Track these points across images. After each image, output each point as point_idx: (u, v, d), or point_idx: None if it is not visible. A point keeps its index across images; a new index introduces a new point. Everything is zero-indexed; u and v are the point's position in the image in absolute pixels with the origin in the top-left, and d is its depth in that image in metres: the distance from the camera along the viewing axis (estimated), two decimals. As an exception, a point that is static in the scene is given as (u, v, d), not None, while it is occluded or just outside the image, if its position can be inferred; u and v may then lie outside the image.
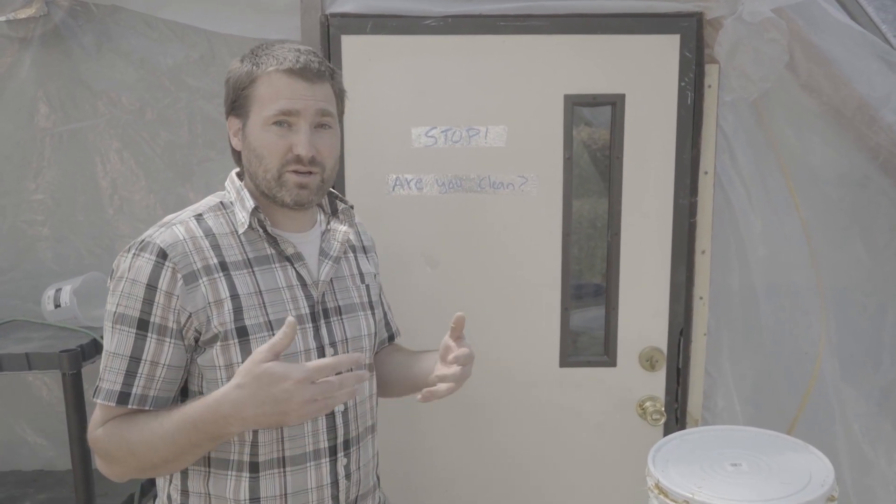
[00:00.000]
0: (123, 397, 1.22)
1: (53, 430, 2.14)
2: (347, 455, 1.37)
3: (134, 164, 2.03)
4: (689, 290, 2.03)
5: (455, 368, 1.32)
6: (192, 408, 1.17)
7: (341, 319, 1.39)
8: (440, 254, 2.00)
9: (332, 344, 1.36)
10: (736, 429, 1.62)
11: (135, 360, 1.22)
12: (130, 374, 1.22)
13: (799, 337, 2.05)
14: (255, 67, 1.28)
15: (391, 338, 1.65)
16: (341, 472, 1.36)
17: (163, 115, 2.00)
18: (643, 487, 1.44)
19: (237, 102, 1.32)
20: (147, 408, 1.23)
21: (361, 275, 1.48)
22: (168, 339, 1.23)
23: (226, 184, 1.39)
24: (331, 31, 1.89)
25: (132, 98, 2.00)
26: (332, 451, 1.35)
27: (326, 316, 1.36)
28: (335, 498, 1.36)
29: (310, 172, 1.29)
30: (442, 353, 1.39)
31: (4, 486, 2.06)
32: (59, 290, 1.92)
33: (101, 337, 1.78)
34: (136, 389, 1.22)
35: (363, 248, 1.53)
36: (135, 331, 1.21)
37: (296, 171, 1.28)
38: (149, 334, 1.22)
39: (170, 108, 2.00)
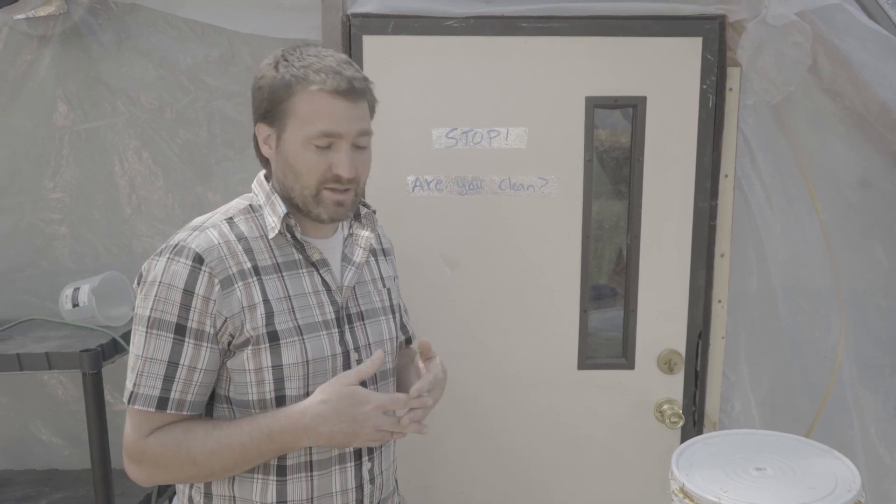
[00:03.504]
0: (162, 402, 1.21)
1: (68, 429, 2.15)
2: (371, 459, 1.38)
3: (152, 163, 2.02)
4: (708, 293, 2.03)
5: (421, 401, 1.29)
6: (269, 418, 1.22)
7: (364, 324, 1.39)
8: (459, 255, 2.00)
9: (357, 349, 1.35)
10: (758, 433, 1.62)
11: (173, 364, 1.21)
12: (169, 379, 1.21)
13: (817, 340, 2.05)
14: (294, 81, 1.25)
15: (408, 341, 1.65)
16: (366, 476, 1.37)
17: (182, 115, 2.00)
18: (663, 490, 1.44)
19: (271, 112, 1.28)
20: (185, 412, 1.23)
21: (382, 279, 1.48)
22: (205, 344, 1.22)
23: (253, 186, 1.38)
24: (352, 32, 1.88)
25: (151, 97, 1.99)
26: (357, 456, 1.35)
27: (350, 321, 1.36)
28: (360, 502, 1.36)
29: (346, 189, 1.29)
30: (415, 377, 1.39)
31: (20, 484, 2.05)
32: (77, 290, 1.91)
33: (121, 337, 1.81)
34: (175, 394, 1.22)
35: (383, 251, 1.53)
36: (172, 336, 1.21)
37: (333, 189, 1.28)
38: (186, 339, 1.21)
39: (189, 107, 1.99)
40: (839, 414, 2.05)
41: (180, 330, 1.21)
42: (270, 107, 1.28)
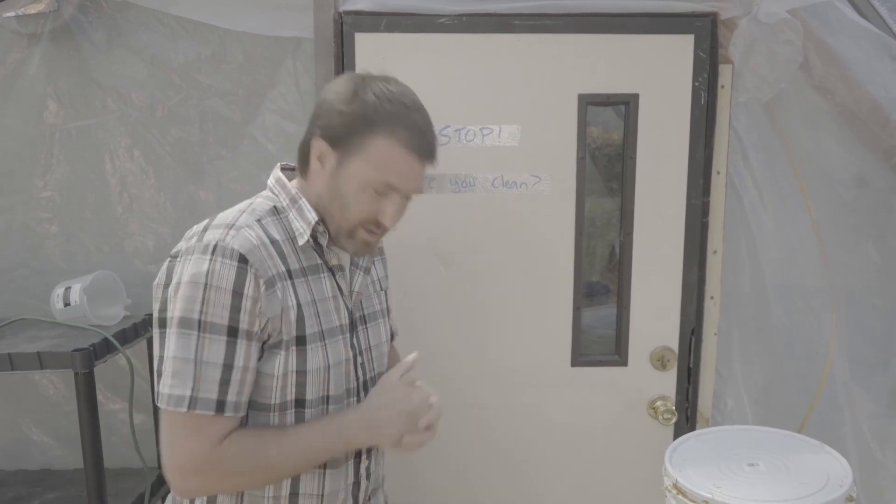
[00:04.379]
0: (220, 405, 1.18)
1: (60, 429, 2.13)
2: (369, 457, 1.40)
3: (144, 161, 2.01)
4: (701, 289, 2.03)
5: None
6: (338, 417, 1.28)
7: (366, 328, 1.40)
8: (453, 253, 2.00)
9: (361, 352, 1.37)
10: (751, 429, 1.63)
11: (227, 367, 1.18)
12: (225, 382, 1.18)
13: (809, 337, 2.06)
14: (381, 122, 1.23)
15: (391, 338, 1.64)
16: (363, 472, 1.39)
17: (173, 113, 1.99)
18: (657, 486, 1.44)
19: (343, 139, 1.25)
20: (240, 414, 1.22)
21: (379, 281, 1.50)
22: (254, 343, 1.21)
23: (271, 185, 1.34)
24: (344, 29, 1.88)
25: (142, 95, 1.98)
26: (358, 454, 1.37)
27: (356, 325, 1.38)
28: (355, 497, 1.39)
29: (380, 234, 1.31)
30: None
31: (12, 485, 2.04)
32: (68, 289, 1.90)
33: (113, 336, 1.80)
34: (231, 397, 1.19)
35: (378, 249, 1.54)
36: (225, 338, 1.17)
37: (370, 231, 1.29)
38: (238, 340, 1.18)
39: (180, 105, 1.98)
40: (831, 411, 2.06)
41: (232, 332, 1.18)
42: (344, 133, 1.25)
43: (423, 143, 1.26)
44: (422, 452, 2.02)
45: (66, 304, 1.89)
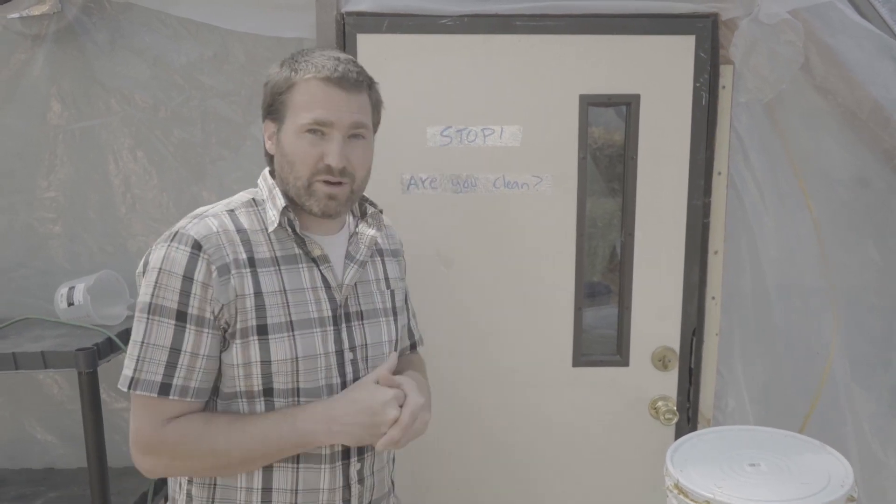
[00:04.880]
0: (165, 388, 1.22)
1: (63, 428, 2.14)
2: (361, 460, 1.37)
3: (147, 162, 2.02)
4: (702, 290, 2.04)
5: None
6: (294, 409, 1.26)
7: (362, 324, 1.38)
8: (454, 253, 2.00)
9: (352, 348, 1.36)
10: (752, 429, 1.62)
11: (175, 350, 1.22)
12: (171, 365, 1.22)
13: (810, 337, 2.06)
14: (293, 73, 1.28)
15: (413, 346, 1.64)
16: (353, 476, 1.36)
17: (176, 114, 2.00)
18: (657, 487, 1.45)
19: (273, 107, 1.31)
20: (188, 399, 1.23)
21: (387, 279, 1.48)
22: (206, 330, 1.23)
23: (258, 181, 1.39)
24: (346, 30, 1.89)
25: (145, 96, 1.99)
26: (345, 455, 1.35)
27: (348, 320, 1.36)
28: (347, 501, 1.36)
29: (340, 183, 1.29)
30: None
31: (15, 483, 2.05)
32: (72, 289, 1.91)
33: (117, 336, 1.81)
34: (178, 381, 1.22)
35: (391, 251, 1.53)
36: (174, 322, 1.21)
37: (326, 182, 1.28)
38: (187, 325, 1.22)
39: (183, 106, 1.99)
40: (832, 411, 2.06)
41: (181, 316, 1.21)
42: (272, 100, 1.31)
43: (333, 69, 1.27)
44: (422, 452, 2.06)
45: (70, 304, 1.90)
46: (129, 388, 1.22)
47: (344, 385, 1.34)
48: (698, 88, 1.93)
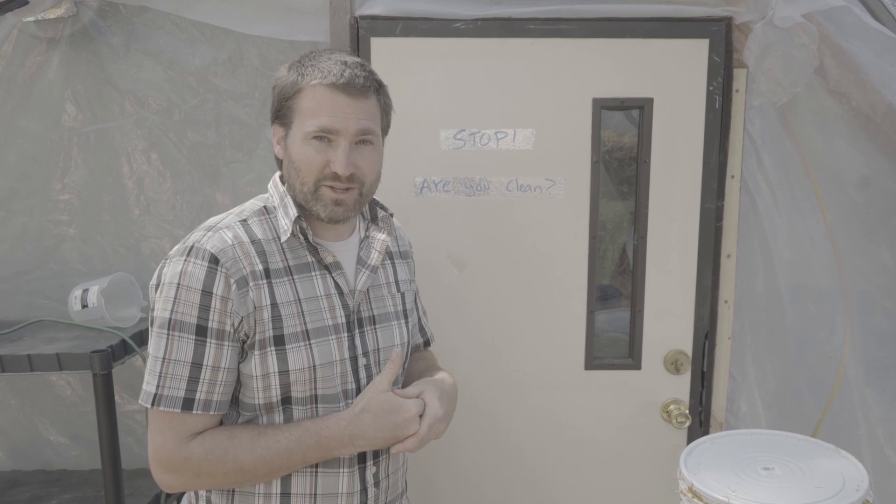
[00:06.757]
0: (188, 403, 1.22)
1: (77, 429, 2.15)
2: (377, 463, 1.38)
3: (160, 164, 2.03)
4: (715, 293, 2.04)
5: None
6: (316, 423, 1.25)
7: (375, 329, 1.38)
8: (467, 256, 2.01)
9: (366, 353, 1.36)
10: (765, 433, 1.62)
11: (196, 365, 1.22)
12: (193, 380, 1.22)
13: (823, 341, 2.05)
14: (300, 78, 1.27)
15: (426, 343, 1.64)
16: (370, 479, 1.37)
17: (190, 116, 2.00)
18: (670, 490, 1.45)
19: (281, 111, 1.30)
20: (212, 412, 1.24)
21: (397, 283, 1.48)
22: (226, 343, 1.23)
23: (269, 187, 1.39)
24: (360, 34, 1.89)
25: (159, 98, 2.00)
26: (361, 459, 1.35)
27: (361, 325, 1.36)
28: None
29: (347, 189, 1.29)
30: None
31: (29, 485, 2.06)
32: (86, 291, 1.92)
33: (130, 338, 1.82)
34: (200, 395, 1.22)
35: (400, 253, 1.53)
36: (194, 337, 1.21)
37: (332, 187, 1.28)
38: (208, 339, 1.22)
39: (197, 108, 2.00)
40: (845, 414, 2.05)
41: (201, 331, 1.21)
42: (280, 105, 1.30)
43: (339, 74, 1.25)
44: (434, 454, 2.06)
45: (84, 306, 1.91)
46: (153, 404, 1.21)
47: (359, 390, 1.34)
48: (712, 92, 1.93)
